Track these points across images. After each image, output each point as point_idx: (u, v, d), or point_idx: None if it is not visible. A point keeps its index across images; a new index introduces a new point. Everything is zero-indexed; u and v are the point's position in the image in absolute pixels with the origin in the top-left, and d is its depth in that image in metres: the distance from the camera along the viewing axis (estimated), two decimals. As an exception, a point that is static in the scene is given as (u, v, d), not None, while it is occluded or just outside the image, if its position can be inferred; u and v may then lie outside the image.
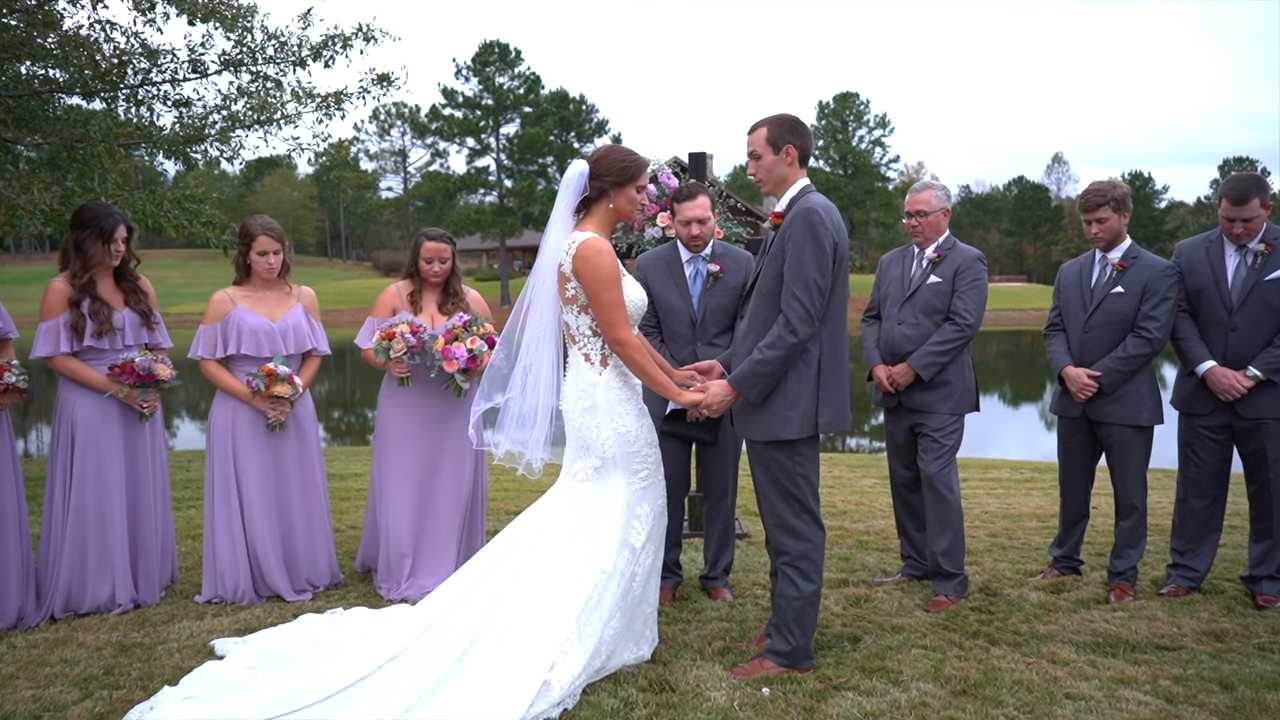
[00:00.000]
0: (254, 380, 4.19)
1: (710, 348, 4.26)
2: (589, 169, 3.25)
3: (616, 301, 3.15)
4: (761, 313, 3.24)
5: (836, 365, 3.24)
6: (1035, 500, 7.02)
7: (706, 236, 4.27)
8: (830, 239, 3.13)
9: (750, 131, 3.32)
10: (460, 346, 4.22)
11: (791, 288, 3.10)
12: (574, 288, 3.19)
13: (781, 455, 3.24)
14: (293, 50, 8.72)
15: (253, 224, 4.33)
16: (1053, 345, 4.52)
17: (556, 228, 3.26)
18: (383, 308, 4.55)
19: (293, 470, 4.39)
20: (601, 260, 3.13)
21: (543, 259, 3.29)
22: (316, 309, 4.57)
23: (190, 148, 8.17)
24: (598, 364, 3.24)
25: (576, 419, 3.25)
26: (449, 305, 4.54)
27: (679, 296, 4.27)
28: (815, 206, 3.14)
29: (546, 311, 3.30)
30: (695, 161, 5.60)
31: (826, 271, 3.12)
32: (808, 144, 3.29)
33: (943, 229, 4.47)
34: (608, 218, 3.28)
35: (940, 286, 4.36)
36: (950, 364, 4.31)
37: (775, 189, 3.32)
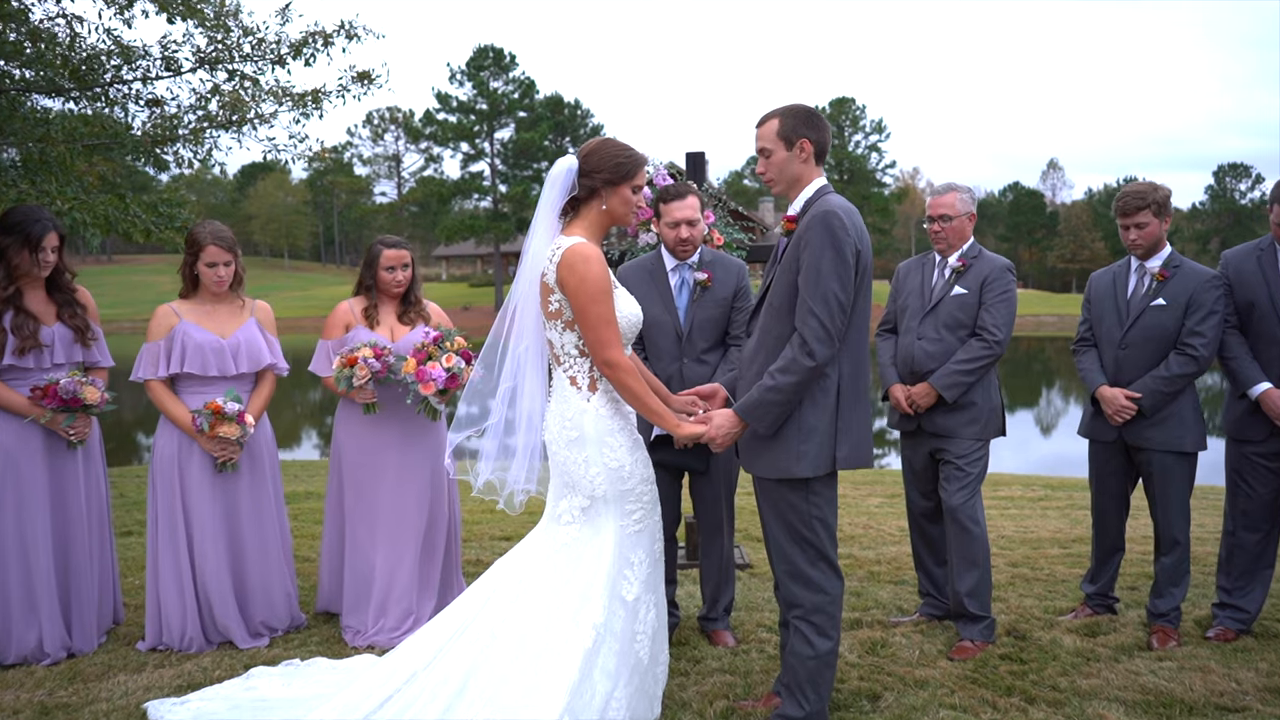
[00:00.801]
0: (198, 418, 3.76)
1: (698, 364, 3.85)
2: (578, 165, 2.82)
3: (606, 317, 2.73)
4: (772, 331, 2.83)
5: (857, 392, 2.82)
6: (1053, 522, 6.62)
7: (695, 241, 3.87)
8: (852, 246, 2.72)
9: (759, 124, 2.91)
10: (436, 366, 3.80)
11: (808, 303, 2.69)
12: (558, 300, 2.77)
13: (794, 495, 2.83)
14: (271, 47, 8.32)
15: (200, 232, 3.90)
16: (1084, 362, 4.11)
17: (540, 232, 2.84)
18: (335, 327, 4.12)
19: (246, 502, 3.96)
20: (589, 269, 2.70)
21: (525, 268, 2.87)
22: (273, 323, 4.14)
23: (160, 149, 7.73)
24: (585, 388, 2.82)
25: (561, 452, 2.83)
26: (409, 315, 4.14)
27: (663, 308, 3.86)
28: (834, 209, 2.73)
29: (530, 328, 2.88)
30: (692, 162, 5.19)
31: (848, 284, 2.71)
32: (825, 137, 2.89)
33: (967, 235, 4.07)
34: (599, 221, 2.85)
35: (965, 299, 3.95)
36: (976, 384, 3.90)
37: (788, 189, 2.91)
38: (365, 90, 7.86)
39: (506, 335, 2.90)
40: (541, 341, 2.88)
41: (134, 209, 7.37)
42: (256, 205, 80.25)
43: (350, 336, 4.07)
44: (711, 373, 3.85)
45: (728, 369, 3.83)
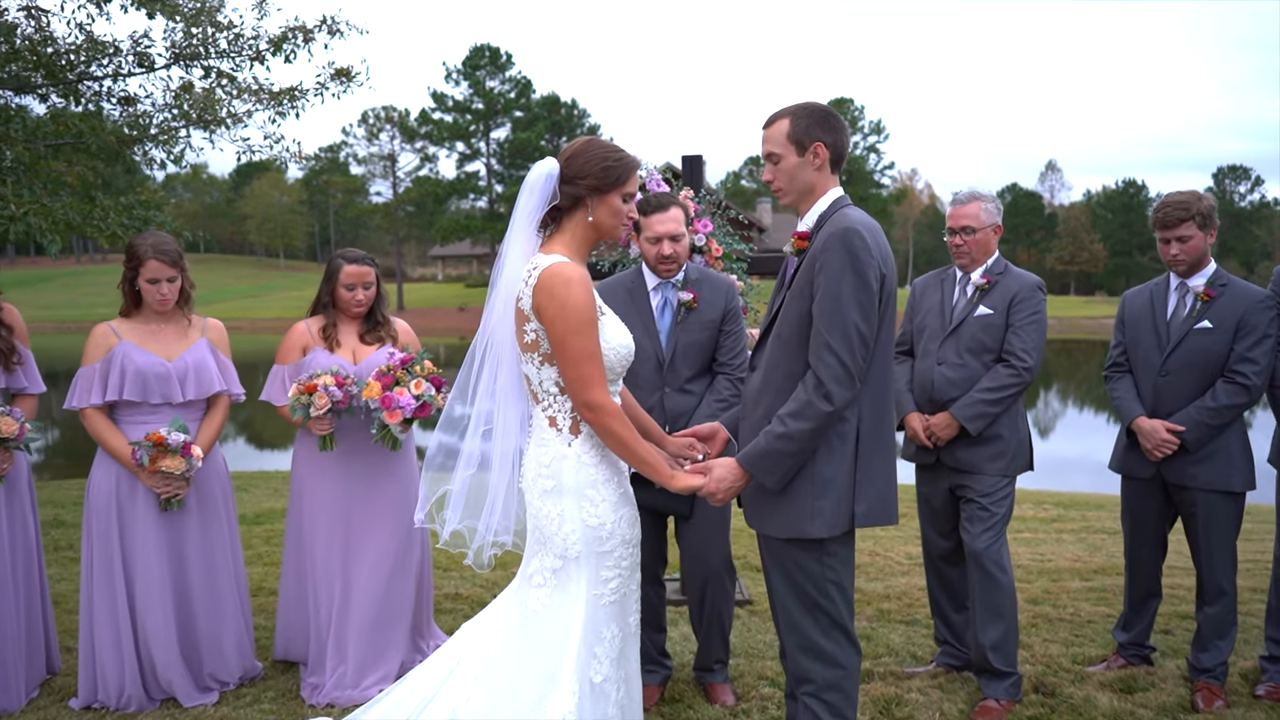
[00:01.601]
0: (138, 451, 3.37)
1: (681, 394, 3.47)
2: (559, 170, 2.43)
3: (589, 351, 2.34)
4: (781, 366, 2.44)
5: (880, 438, 2.44)
6: (1070, 548, 6.24)
7: (679, 258, 3.48)
8: (875, 270, 2.34)
9: (767, 125, 2.53)
10: (404, 393, 3.41)
11: (825, 336, 2.31)
12: (535, 330, 2.39)
13: (807, 557, 2.44)
14: (248, 43, 7.93)
15: (140, 245, 3.50)
16: (1118, 390, 3.73)
17: (514, 248, 2.44)
18: (291, 350, 3.73)
19: (195, 543, 3.57)
20: (571, 294, 2.31)
21: (498, 290, 2.46)
22: (225, 343, 3.75)
23: (130, 149, 7.35)
24: (566, 431, 2.43)
25: (536, 502, 2.45)
26: (373, 335, 3.75)
27: (643, 331, 3.47)
28: (855, 225, 2.35)
29: (506, 360, 2.48)
30: (690, 166, 4.81)
31: (871, 314, 2.33)
32: (842, 141, 2.50)
33: (992, 249, 3.69)
34: (584, 235, 2.45)
35: (991, 320, 3.57)
36: (1002, 415, 3.53)
37: (799, 201, 2.52)
38: (345, 88, 7.48)
39: (479, 366, 2.51)
40: (518, 375, 2.50)
41: (99, 212, 6.98)
42: (252, 205, 79.73)
43: (308, 360, 3.68)
44: (696, 403, 3.48)
45: (714, 399, 3.46)
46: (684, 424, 3.45)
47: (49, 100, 7.95)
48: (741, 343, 3.55)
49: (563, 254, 2.40)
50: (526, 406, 2.51)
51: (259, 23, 7.82)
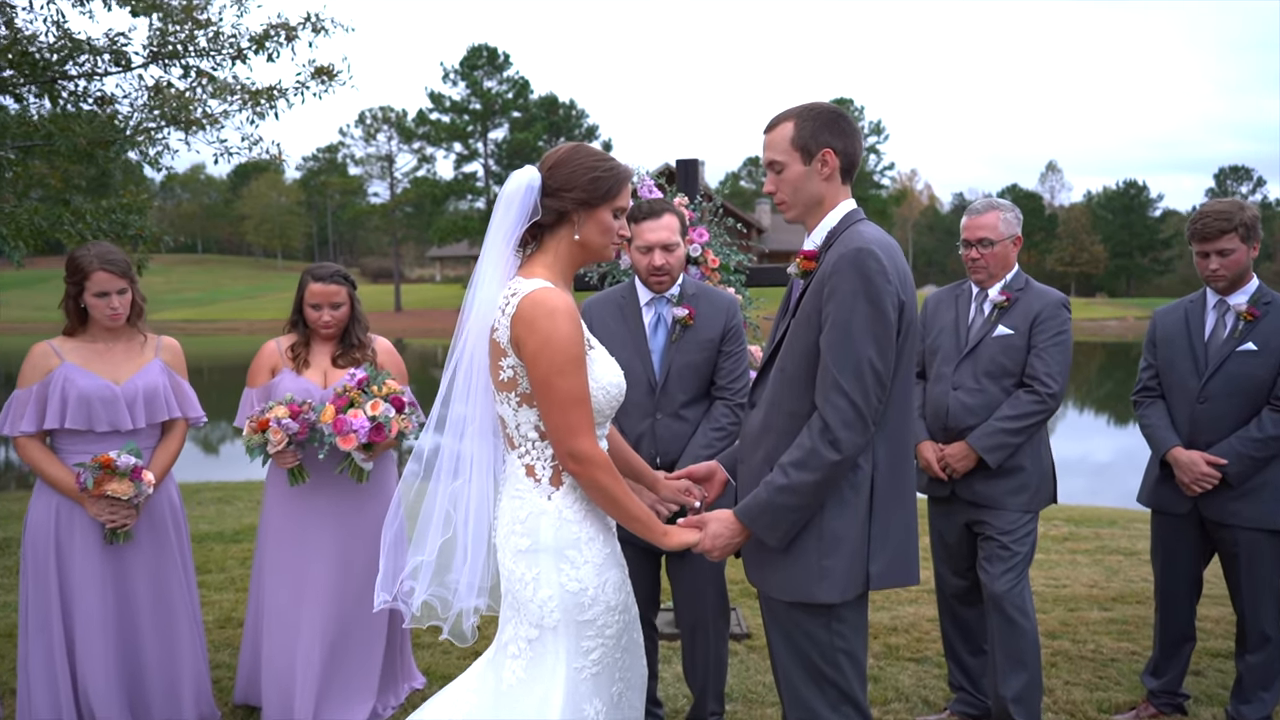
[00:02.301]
0: (83, 473, 3.07)
1: (674, 420, 3.17)
2: (540, 180, 2.14)
3: (576, 394, 2.03)
4: (784, 405, 2.15)
5: (898, 487, 2.14)
6: (1085, 571, 5.94)
7: (672, 271, 3.18)
8: (893, 297, 2.05)
9: (768, 129, 2.23)
10: (358, 415, 3.11)
11: (833, 373, 2.02)
12: (512, 367, 2.09)
13: (813, 623, 2.14)
14: (228, 41, 7.63)
15: (83, 257, 3.20)
16: (1150, 417, 3.43)
17: (489, 270, 2.13)
18: (259, 371, 3.45)
19: (144, 580, 3.27)
20: (555, 327, 2.01)
21: (470, 318, 2.16)
22: (182, 363, 3.45)
23: (103, 151, 7.04)
24: (546, 482, 2.13)
25: (509, 563, 2.15)
26: (345, 358, 3.44)
27: (633, 351, 3.17)
28: (869, 244, 2.05)
29: (478, 398, 2.18)
30: (685, 170, 4.51)
31: (887, 348, 2.04)
32: (854, 146, 2.21)
33: (1012, 263, 3.40)
34: (568, 255, 2.16)
35: (1011, 341, 3.28)
36: (1024, 445, 3.23)
37: (805, 215, 2.23)
38: (326, 88, 7.17)
39: (447, 404, 2.21)
40: (492, 416, 2.20)
41: (70, 216, 6.68)
42: (250, 205, 79.45)
43: (276, 383, 3.39)
44: (690, 431, 3.18)
45: (711, 428, 3.16)
46: (677, 454, 3.16)
47: (24, 100, 7.66)
48: (743, 365, 3.25)
49: (545, 277, 2.11)
50: (500, 450, 2.22)
51: (239, 20, 7.53)
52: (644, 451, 3.15)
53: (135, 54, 7.68)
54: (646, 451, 3.15)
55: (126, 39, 7.57)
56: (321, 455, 3.19)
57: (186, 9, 7.34)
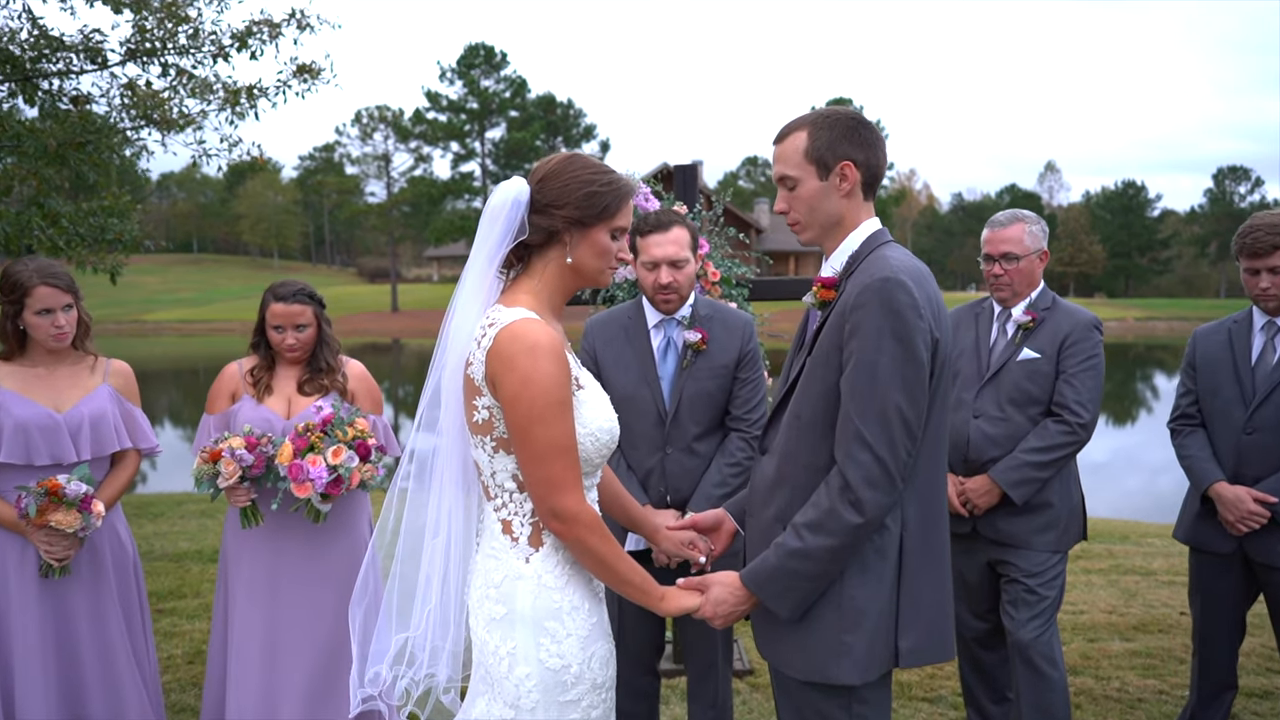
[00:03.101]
0: (24, 498, 2.78)
1: (686, 455, 2.90)
2: (529, 194, 1.87)
3: (559, 444, 1.76)
4: (799, 455, 1.87)
5: (930, 551, 1.87)
6: (1102, 595, 5.67)
7: (682, 289, 2.89)
8: (926, 334, 1.78)
9: (779, 140, 1.96)
10: (317, 461, 2.81)
11: (856, 423, 1.75)
12: (488, 408, 1.81)
13: (831, 704, 1.87)
14: (209, 38, 7.34)
15: (21, 272, 2.91)
16: (1190, 448, 3.15)
17: (468, 293, 1.87)
18: (219, 397, 3.16)
19: (86, 618, 2.98)
20: (537, 366, 1.75)
21: (446, 348, 1.89)
22: (133, 388, 3.16)
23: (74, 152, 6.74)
24: (524, 541, 1.85)
25: (481, 632, 1.87)
26: (312, 384, 3.14)
27: (641, 378, 2.90)
28: (898, 273, 1.78)
29: (452, 438, 1.91)
30: (683, 177, 4.22)
31: (919, 394, 1.77)
32: (877, 158, 1.94)
33: (1037, 279, 3.13)
34: (558, 281, 1.90)
35: (1037, 365, 3.00)
36: (1053, 479, 2.96)
37: (822, 237, 1.96)
38: (309, 87, 6.88)
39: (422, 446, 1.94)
40: (466, 460, 1.92)
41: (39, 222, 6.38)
42: (246, 204, 79.14)
43: (235, 410, 3.11)
44: (704, 467, 2.90)
45: (726, 463, 2.88)
46: (689, 491, 2.89)
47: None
48: (760, 393, 2.98)
49: (529, 306, 1.84)
50: (475, 499, 1.94)
51: (219, 16, 7.24)
52: (653, 489, 2.89)
53: (112, 51, 7.41)
54: (655, 489, 2.89)
55: (102, 36, 7.30)
56: (274, 505, 2.91)
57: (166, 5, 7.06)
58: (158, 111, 6.47)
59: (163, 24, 7.15)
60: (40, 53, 7.19)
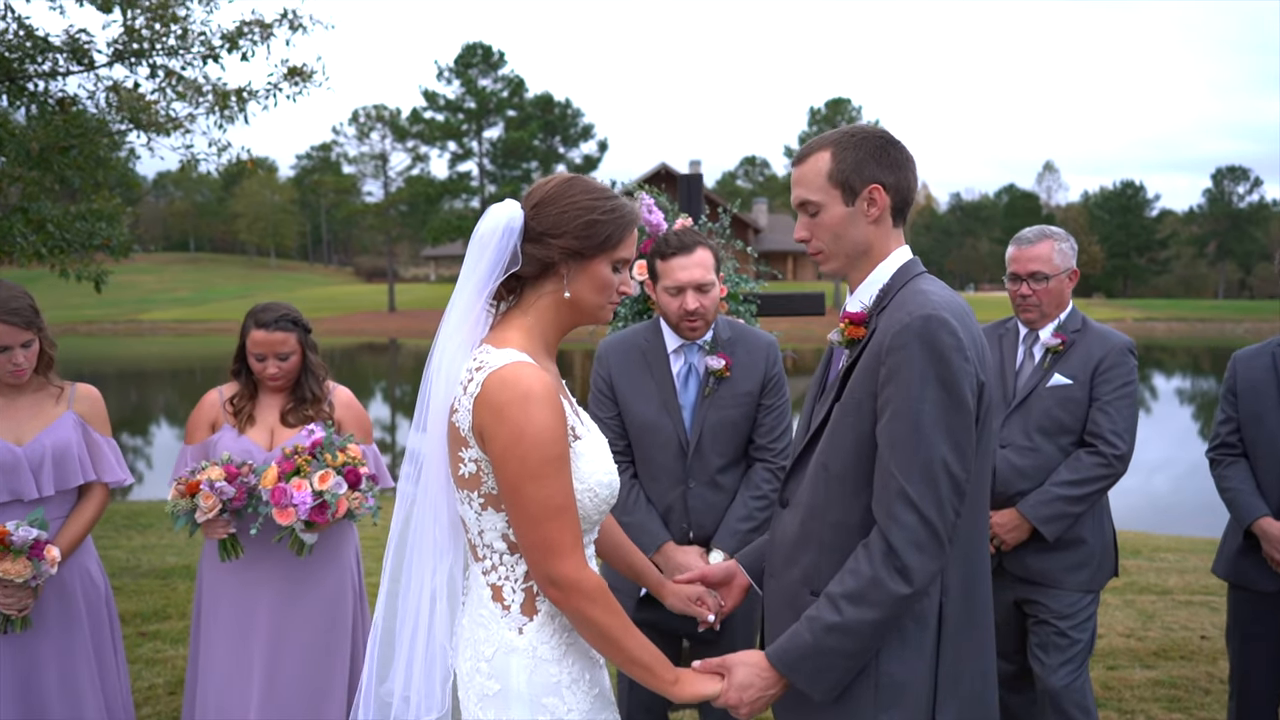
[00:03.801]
0: None
1: (709, 489, 2.71)
2: (523, 220, 1.68)
3: (556, 503, 1.58)
4: (828, 511, 1.68)
5: (973, 615, 1.69)
6: (1119, 616, 5.49)
7: (707, 315, 2.70)
8: (972, 378, 1.60)
9: (798, 161, 1.77)
10: (302, 485, 2.63)
11: (899, 479, 1.56)
12: (475, 460, 1.62)
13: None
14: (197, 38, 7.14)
15: None
16: (1232, 480, 2.96)
17: (454, 328, 1.67)
18: (198, 427, 2.97)
19: (53, 672, 2.79)
20: (530, 417, 1.56)
21: (432, 389, 1.69)
22: (101, 414, 2.96)
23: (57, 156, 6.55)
24: (516, 609, 1.66)
25: (474, 708, 1.68)
26: (297, 414, 2.95)
27: (660, 407, 2.72)
28: (938, 310, 1.60)
29: (439, 491, 1.70)
30: (687, 187, 4.03)
31: (967, 445, 1.59)
32: (906, 180, 1.75)
33: (1067, 300, 2.94)
34: (554, 316, 1.72)
35: (1069, 392, 2.82)
36: (1085, 514, 2.78)
37: (848, 267, 1.77)
38: (299, 89, 6.68)
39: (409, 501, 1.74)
40: (453, 518, 1.73)
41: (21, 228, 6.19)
42: (243, 204, 78.88)
43: (215, 441, 2.91)
44: (728, 501, 2.73)
45: (752, 495, 2.70)
46: (713, 526, 2.72)
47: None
48: (786, 420, 2.80)
49: (521, 345, 1.65)
50: (460, 559, 1.75)
51: (209, 16, 7.04)
52: (675, 525, 2.72)
53: (98, 52, 7.22)
54: (678, 525, 2.72)
55: (89, 36, 7.10)
56: (253, 531, 2.71)
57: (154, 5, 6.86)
58: (144, 114, 6.26)
59: (151, 24, 6.97)
60: (25, 53, 6.99)
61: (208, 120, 6.54)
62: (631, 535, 2.69)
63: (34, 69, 7.18)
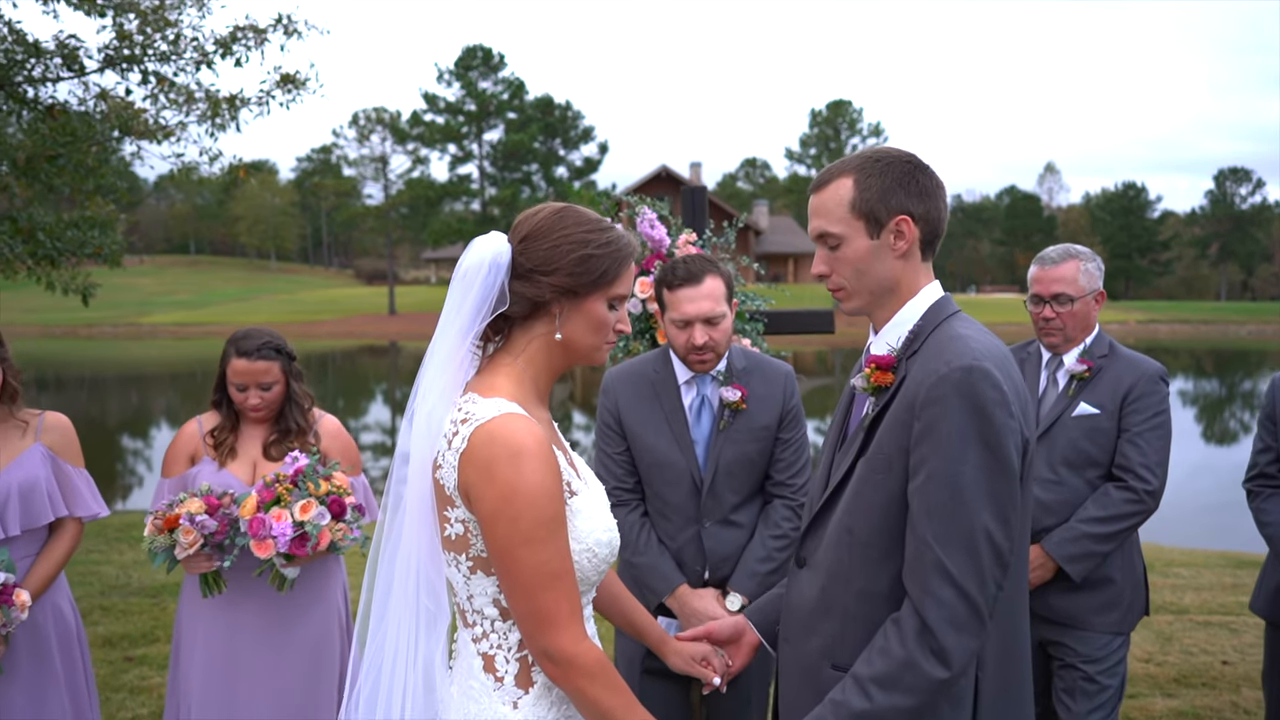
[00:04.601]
0: None
1: (725, 528, 2.56)
2: (510, 255, 1.53)
3: (550, 569, 1.43)
4: (853, 578, 1.53)
5: (1010, 689, 1.54)
6: (1134, 637, 5.31)
7: (719, 348, 2.53)
8: (1017, 434, 1.44)
9: (816, 188, 1.61)
10: (282, 516, 2.47)
11: (935, 550, 1.40)
12: (463, 521, 1.47)
13: None
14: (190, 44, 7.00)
15: None
16: (1272, 513, 2.78)
17: (436, 372, 1.51)
18: (176, 459, 2.81)
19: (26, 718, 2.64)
20: (523, 475, 1.41)
21: (412, 440, 1.52)
22: (73, 444, 2.79)
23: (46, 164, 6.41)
24: (510, 681, 1.51)
25: None
26: (280, 447, 2.79)
27: (672, 441, 2.57)
28: (979, 360, 1.44)
29: (419, 549, 1.52)
30: (691, 200, 3.87)
31: (1011, 512, 1.43)
32: (937, 210, 1.59)
33: (1093, 323, 2.79)
34: (546, 359, 1.58)
35: (1097, 422, 2.66)
36: (1114, 552, 2.62)
37: (872, 305, 1.61)
38: (293, 96, 6.54)
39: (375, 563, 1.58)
40: (437, 579, 1.57)
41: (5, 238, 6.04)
42: (243, 206, 78.81)
43: (194, 474, 2.75)
44: (745, 539, 2.58)
45: (770, 534, 2.56)
46: (730, 568, 2.57)
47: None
48: (804, 455, 2.65)
49: (510, 393, 1.49)
50: (440, 627, 1.59)
51: (201, 22, 6.91)
52: (689, 566, 2.57)
53: (89, 58, 7.08)
54: (692, 567, 2.57)
55: (79, 41, 6.97)
56: (227, 563, 2.55)
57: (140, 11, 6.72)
58: (133, 121, 6.12)
59: (143, 29, 6.84)
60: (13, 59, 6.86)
61: (199, 128, 6.40)
62: (643, 577, 2.54)
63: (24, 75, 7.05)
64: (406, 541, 1.53)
